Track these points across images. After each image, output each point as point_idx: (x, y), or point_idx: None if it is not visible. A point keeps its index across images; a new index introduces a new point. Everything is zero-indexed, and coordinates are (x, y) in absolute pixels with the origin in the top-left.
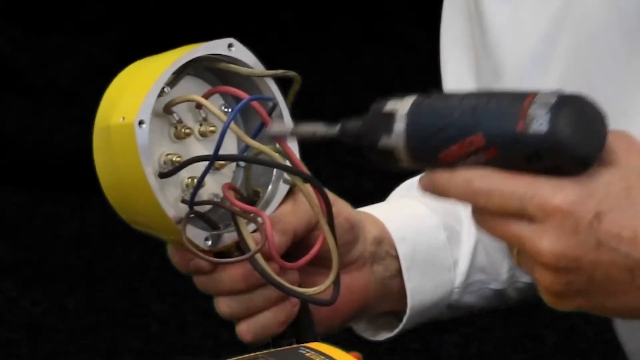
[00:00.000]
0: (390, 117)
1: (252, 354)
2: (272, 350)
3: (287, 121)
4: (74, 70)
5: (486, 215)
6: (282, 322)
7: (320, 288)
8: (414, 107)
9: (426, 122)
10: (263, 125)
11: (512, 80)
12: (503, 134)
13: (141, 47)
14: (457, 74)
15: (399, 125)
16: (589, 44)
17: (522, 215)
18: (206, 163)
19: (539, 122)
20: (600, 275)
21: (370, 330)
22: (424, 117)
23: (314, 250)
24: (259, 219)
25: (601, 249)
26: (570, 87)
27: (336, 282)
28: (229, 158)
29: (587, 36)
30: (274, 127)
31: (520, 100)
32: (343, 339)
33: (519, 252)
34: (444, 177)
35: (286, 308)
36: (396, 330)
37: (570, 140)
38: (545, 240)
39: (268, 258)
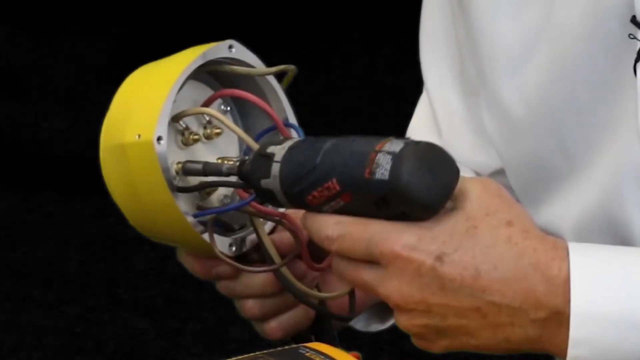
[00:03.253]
0: (270, 160)
1: (252, 354)
2: (272, 350)
3: (290, 115)
4: (74, 70)
5: (339, 260)
6: (311, 318)
7: (338, 294)
8: (287, 152)
9: (293, 167)
10: (270, 129)
11: (493, 86)
12: (353, 181)
13: (141, 47)
14: (437, 75)
15: (275, 169)
16: (571, 54)
17: (369, 260)
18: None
19: (383, 169)
20: (452, 317)
21: (362, 321)
22: (293, 162)
23: None
24: (280, 218)
25: (446, 291)
26: (552, 97)
27: (352, 293)
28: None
29: (569, 46)
30: (188, 165)
31: (371, 146)
32: (343, 339)
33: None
34: (309, 220)
35: None
36: (388, 323)
37: (411, 188)
38: (391, 284)
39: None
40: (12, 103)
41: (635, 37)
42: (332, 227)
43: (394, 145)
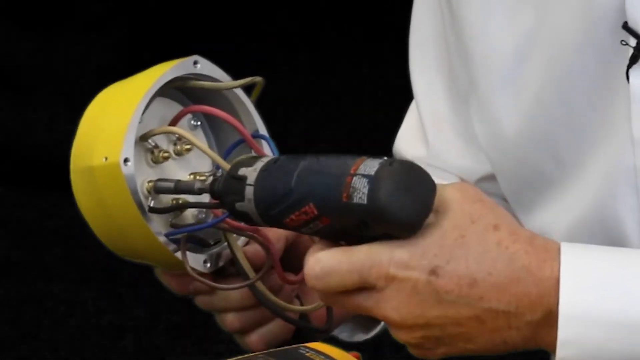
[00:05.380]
0: (242, 183)
1: (252, 354)
2: (272, 350)
3: (260, 126)
4: (74, 70)
5: (330, 295)
6: (292, 328)
7: (314, 307)
8: (260, 174)
9: (268, 191)
10: (239, 142)
11: (485, 94)
12: (331, 205)
13: (142, 47)
14: (426, 80)
15: (249, 192)
16: (563, 61)
17: (362, 287)
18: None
19: (360, 193)
20: (451, 326)
21: (346, 332)
22: (267, 186)
23: None
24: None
25: (443, 303)
26: (545, 104)
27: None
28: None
29: (561, 53)
30: (159, 184)
31: (346, 168)
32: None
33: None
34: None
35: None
36: (373, 332)
37: (390, 210)
38: (389, 306)
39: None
40: (12, 102)
41: (627, 44)
42: (313, 280)
43: (369, 166)
